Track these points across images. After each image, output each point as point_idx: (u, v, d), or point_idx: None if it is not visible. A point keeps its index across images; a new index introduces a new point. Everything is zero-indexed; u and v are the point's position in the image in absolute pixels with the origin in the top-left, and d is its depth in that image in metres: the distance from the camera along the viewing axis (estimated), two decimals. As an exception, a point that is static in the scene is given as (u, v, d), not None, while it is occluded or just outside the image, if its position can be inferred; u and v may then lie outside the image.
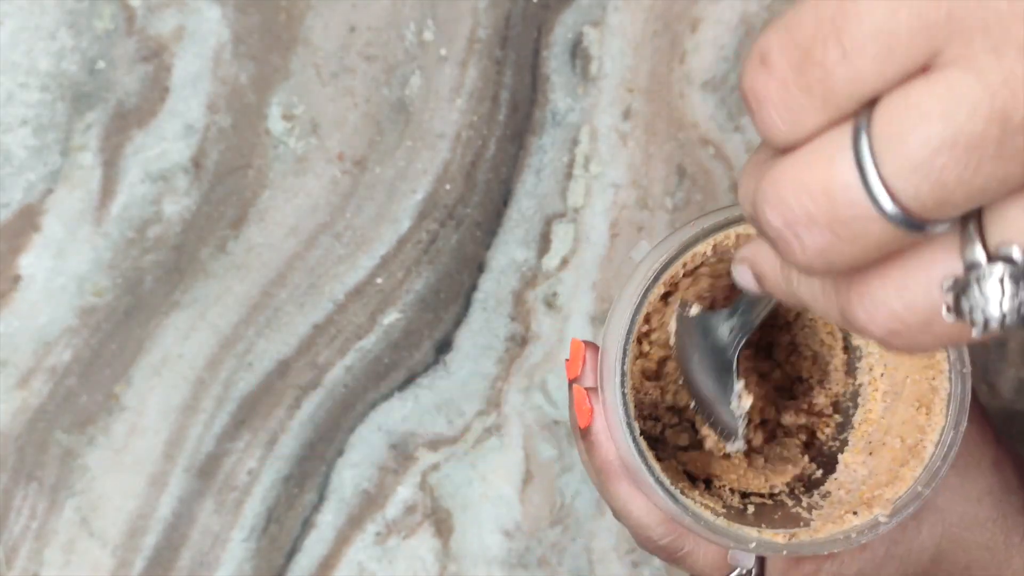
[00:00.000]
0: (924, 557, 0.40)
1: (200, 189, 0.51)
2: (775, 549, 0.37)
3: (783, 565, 0.39)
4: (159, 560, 0.51)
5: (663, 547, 0.39)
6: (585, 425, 0.39)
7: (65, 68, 0.51)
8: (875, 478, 0.39)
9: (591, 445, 0.39)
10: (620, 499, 0.39)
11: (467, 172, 0.52)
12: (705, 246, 0.37)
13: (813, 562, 0.39)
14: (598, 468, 0.39)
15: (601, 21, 0.53)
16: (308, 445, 0.52)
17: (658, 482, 0.36)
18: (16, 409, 0.51)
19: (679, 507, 0.36)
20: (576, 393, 0.39)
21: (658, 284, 0.37)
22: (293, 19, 0.52)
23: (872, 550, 0.39)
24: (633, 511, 0.39)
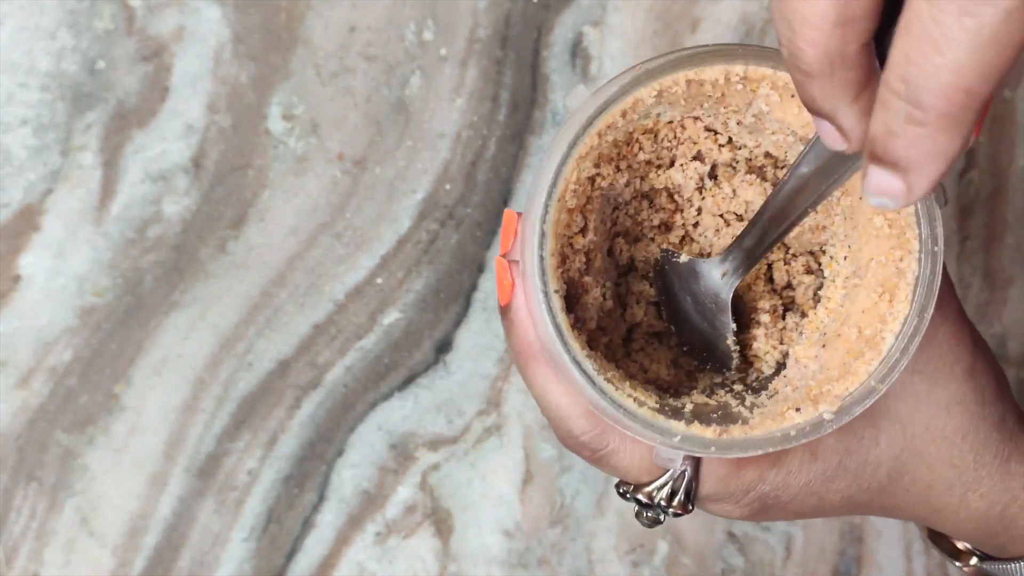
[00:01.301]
0: (881, 472, 0.36)
1: (200, 189, 0.51)
2: (702, 444, 0.33)
3: (721, 471, 0.35)
4: (159, 560, 0.51)
5: (585, 443, 0.35)
6: (505, 302, 0.35)
7: (65, 68, 0.51)
8: (826, 373, 0.35)
9: (510, 324, 0.35)
10: (539, 385, 0.35)
11: (467, 172, 0.52)
12: (648, 90, 0.33)
13: (755, 469, 0.35)
14: (516, 350, 0.35)
15: (601, 21, 0.53)
16: (308, 445, 0.52)
17: (575, 362, 0.32)
18: (16, 409, 0.51)
19: (597, 392, 0.32)
20: (498, 265, 0.35)
21: (590, 133, 0.33)
22: (293, 19, 0.52)
23: (823, 459, 0.36)
24: (552, 400, 0.35)
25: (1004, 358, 0.55)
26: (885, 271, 0.34)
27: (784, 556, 0.53)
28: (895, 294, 0.34)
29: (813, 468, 0.36)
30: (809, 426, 0.33)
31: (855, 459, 0.36)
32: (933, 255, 0.33)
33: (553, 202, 0.33)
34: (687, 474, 0.35)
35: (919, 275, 0.33)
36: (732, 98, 0.35)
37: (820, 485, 0.36)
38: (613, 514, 0.53)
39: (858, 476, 0.36)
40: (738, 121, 0.36)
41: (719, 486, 0.36)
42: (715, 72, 0.34)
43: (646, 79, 0.33)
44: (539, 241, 0.33)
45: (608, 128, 0.34)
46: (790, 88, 0.34)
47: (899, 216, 0.34)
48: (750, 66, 0.34)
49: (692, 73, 0.34)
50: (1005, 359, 0.55)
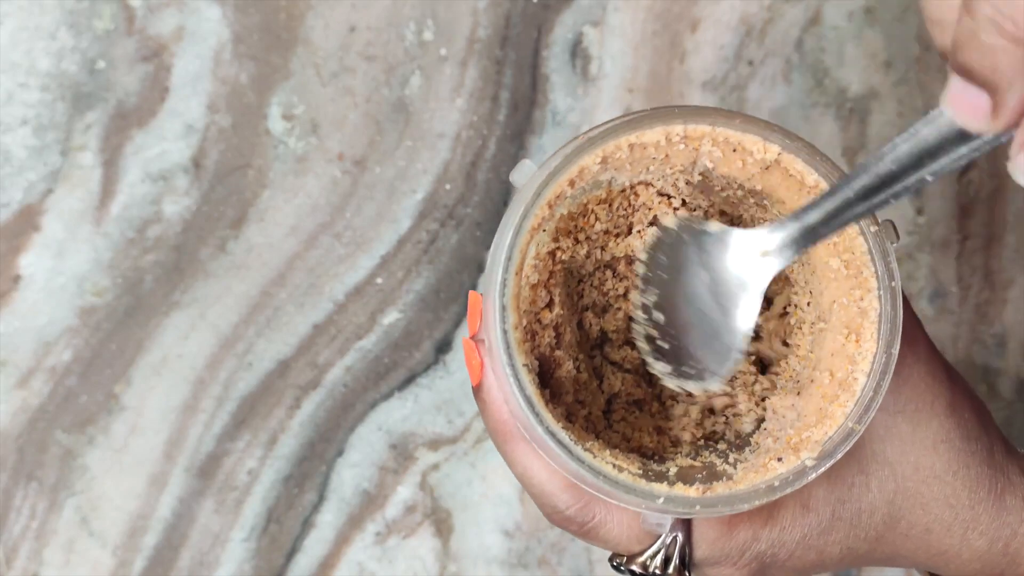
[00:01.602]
0: (876, 519, 0.36)
1: (200, 189, 0.51)
2: (687, 504, 0.32)
3: (713, 533, 0.35)
4: (159, 560, 0.51)
5: (570, 518, 0.35)
6: (476, 382, 0.35)
7: (65, 68, 0.51)
8: (803, 420, 0.34)
9: (483, 403, 0.35)
10: (518, 463, 0.35)
11: (467, 172, 0.52)
12: (593, 158, 0.33)
13: (748, 528, 0.35)
14: (492, 430, 0.35)
15: (601, 21, 0.53)
16: (308, 445, 0.52)
17: (549, 433, 0.32)
18: (16, 409, 0.51)
19: (575, 461, 0.32)
20: (465, 347, 0.35)
21: (540, 204, 0.33)
22: (293, 19, 0.52)
23: (816, 511, 0.35)
24: (534, 476, 0.34)
25: (1004, 358, 0.55)
26: (848, 312, 0.34)
27: (784, 556, 0.53)
28: (861, 333, 0.34)
29: (807, 521, 0.35)
30: (792, 475, 0.33)
31: (848, 508, 0.35)
32: (891, 291, 0.33)
33: (511, 275, 0.33)
34: (679, 539, 0.35)
35: (881, 312, 0.33)
36: (676, 158, 0.35)
37: (817, 538, 0.35)
38: (613, 514, 0.53)
39: (854, 525, 0.36)
40: (687, 181, 0.36)
41: (713, 549, 0.35)
42: (655, 135, 0.34)
43: (589, 147, 0.34)
44: (500, 315, 0.33)
45: (557, 198, 0.34)
46: (730, 143, 0.34)
47: (854, 256, 0.34)
48: (688, 125, 0.34)
49: (633, 137, 0.34)
50: (1005, 359, 0.55)
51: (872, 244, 0.33)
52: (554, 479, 0.34)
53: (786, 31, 0.53)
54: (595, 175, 0.34)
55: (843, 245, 0.34)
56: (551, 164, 0.34)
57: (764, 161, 0.35)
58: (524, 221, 0.33)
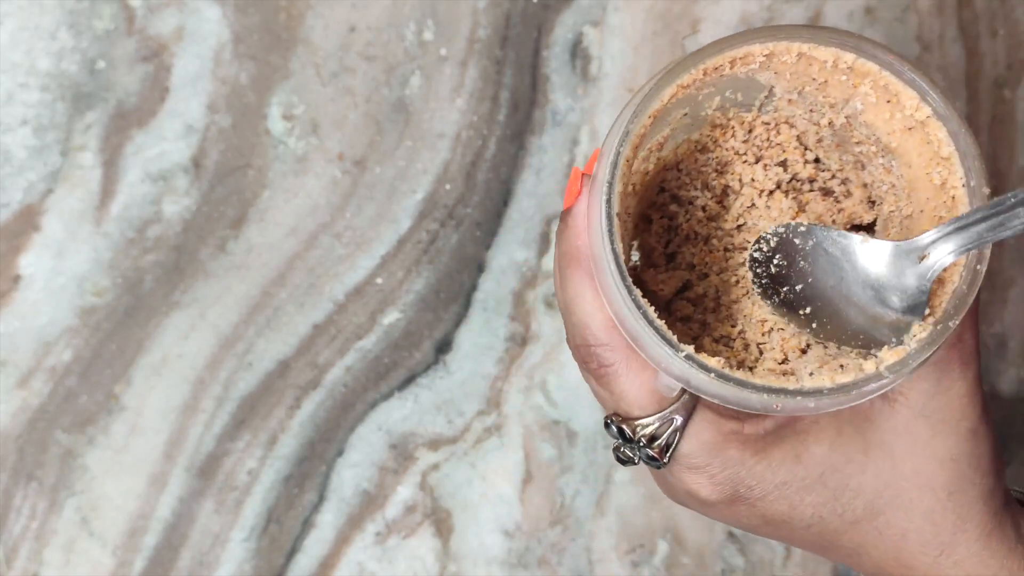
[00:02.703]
0: (858, 503, 0.36)
1: (200, 189, 0.51)
2: (702, 367, 0.32)
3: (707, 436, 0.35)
4: (159, 560, 0.51)
5: (595, 354, 0.35)
6: (568, 205, 0.36)
7: (65, 68, 0.51)
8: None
9: (565, 227, 0.36)
10: (572, 288, 0.36)
11: (467, 172, 0.52)
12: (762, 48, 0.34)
13: (739, 450, 0.35)
14: (563, 252, 0.36)
15: (601, 21, 0.53)
16: (308, 445, 0.52)
17: (614, 253, 0.33)
18: (16, 409, 0.51)
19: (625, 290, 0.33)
20: (572, 173, 0.36)
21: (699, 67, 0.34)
22: (293, 19, 0.52)
23: (806, 466, 0.35)
24: (581, 304, 0.35)
25: (1004, 358, 0.55)
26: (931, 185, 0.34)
27: (784, 556, 0.53)
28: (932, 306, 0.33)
29: (794, 471, 0.35)
30: (811, 388, 0.32)
31: (836, 478, 0.35)
32: (975, 272, 0.33)
33: (637, 125, 0.33)
34: (674, 423, 0.35)
35: (956, 286, 0.33)
36: (833, 89, 0.35)
37: (795, 492, 0.35)
38: (613, 514, 0.53)
39: (835, 498, 0.36)
40: (830, 121, 0.37)
41: (700, 449, 0.35)
42: (827, 53, 0.34)
43: (763, 36, 0.34)
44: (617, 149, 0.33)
45: (714, 70, 0.34)
46: (889, 92, 0.35)
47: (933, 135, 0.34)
48: (859, 59, 0.34)
49: (806, 47, 0.34)
50: (1005, 359, 0.55)
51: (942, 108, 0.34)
52: (597, 314, 0.35)
53: (786, 31, 0.53)
54: (756, 70, 0.34)
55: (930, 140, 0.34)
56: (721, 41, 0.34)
57: (912, 120, 0.35)
58: (675, 76, 0.33)
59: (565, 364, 0.53)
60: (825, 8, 0.53)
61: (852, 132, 0.37)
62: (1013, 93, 0.54)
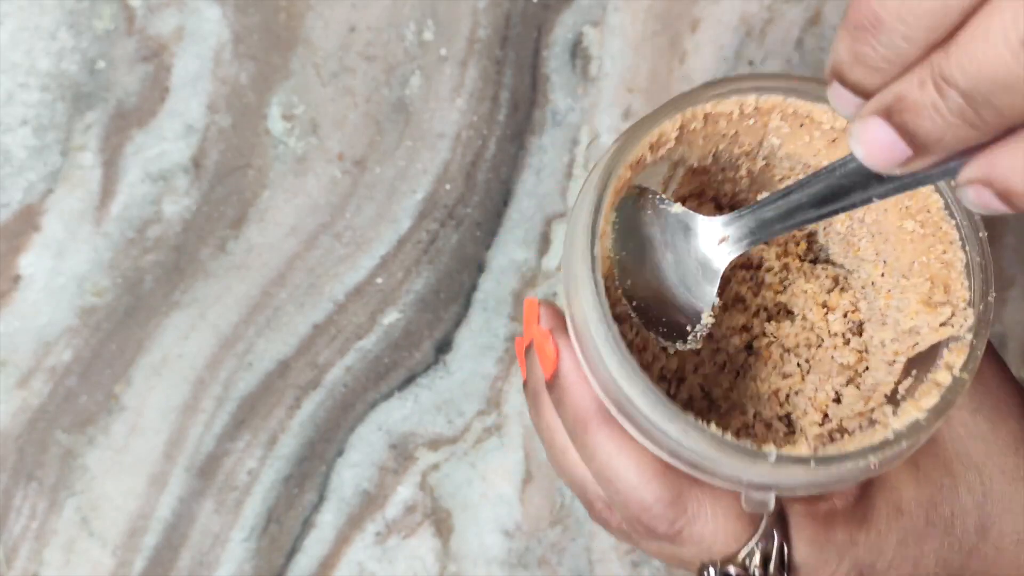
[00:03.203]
0: (969, 525, 0.34)
1: (200, 189, 0.51)
2: (800, 461, 0.30)
3: (810, 532, 0.33)
4: (159, 560, 0.51)
5: (661, 514, 0.32)
6: (551, 373, 0.32)
7: (65, 68, 0.51)
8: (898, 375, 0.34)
9: (561, 393, 0.32)
10: (602, 451, 0.32)
11: (467, 172, 0.52)
12: (672, 123, 0.33)
13: (845, 530, 0.33)
14: (572, 419, 0.32)
15: (601, 21, 0.53)
16: (308, 445, 0.52)
17: (650, 392, 0.29)
18: (16, 409, 0.51)
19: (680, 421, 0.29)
20: (537, 338, 0.32)
21: (621, 166, 0.33)
22: (293, 19, 0.52)
23: (909, 515, 0.33)
24: (619, 466, 0.32)
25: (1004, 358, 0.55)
26: (930, 268, 0.34)
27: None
28: (949, 285, 0.33)
29: (901, 524, 0.33)
30: (906, 429, 0.31)
31: (940, 512, 0.34)
32: (980, 241, 0.32)
33: (599, 229, 0.31)
34: (775, 539, 0.32)
35: (968, 261, 0.33)
36: (745, 136, 0.35)
37: (913, 546, 0.34)
38: (613, 514, 0.53)
39: (947, 532, 0.34)
40: (748, 171, 0.36)
41: (812, 549, 0.33)
42: (730, 105, 0.34)
43: (670, 110, 0.33)
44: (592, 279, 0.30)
45: (638, 163, 0.33)
46: (799, 116, 0.34)
47: (929, 215, 0.34)
48: (761, 97, 0.34)
49: (710, 106, 0.34)
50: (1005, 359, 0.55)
51: (951, 199, 0.33)
52: (642, 467, 0.31)
53: (786, 31, 0.53)
54: (671, 150, 0.34)
55: (916, 207, 0.34)
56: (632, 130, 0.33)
57: (833, 132, 0.34)
58: (608, 180, 0.32)
59: (565, 364, 0.53)
60: (825, 8, 0.53)
61: (773, 171, 0.36)
62: (1013, 93, 0.54)
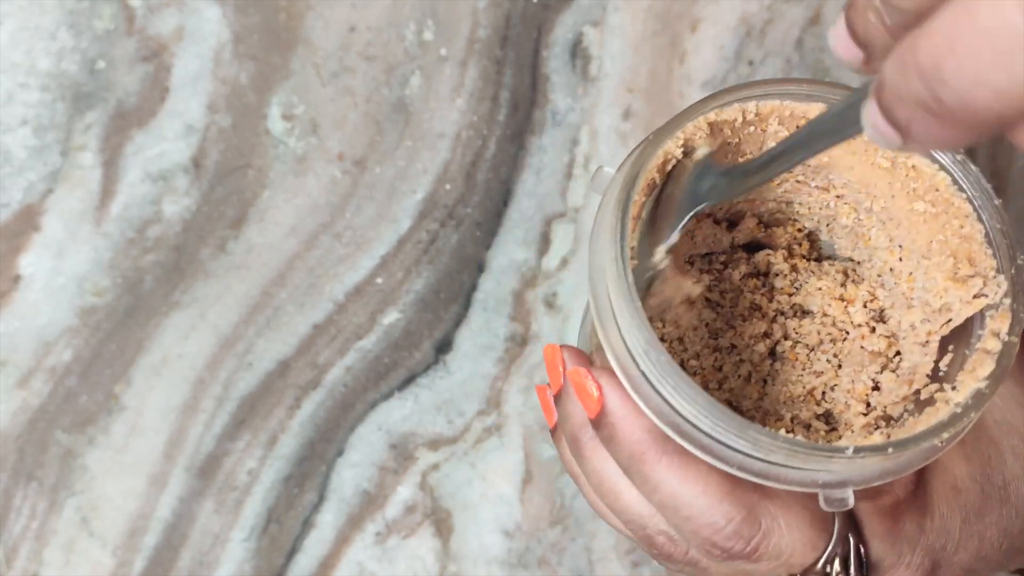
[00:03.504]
0: (1022, 488, 0.34)
1: (200, 189, 0.51)
2: (878, 451, 0.29)
3: (882, 528, 0.33)
4: (159, 560, 0.51)
5: (735, 532, 0.31)
6: (597, 412, 0.32)
7: (65, 68, 0.51)
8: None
9: (611, 431, 0.32)
10: (666, 483, 0.31)
11: (467, 172, 0.52)
12: (675, 141, 0.34)
13: (912, 520, 0.33)
14: (628, 456, 0.32)
15: (601, 21, 0.53)
16: (308, 445, 0.52)
17: (713, 406, 0.29)
18: (16, 409, 0.51)
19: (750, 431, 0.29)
20: (574, 379, 0.32)
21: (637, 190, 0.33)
22: (293, 19, 0.52)
23: (966, 491, 0.33)
24: (686, 494, 0.31)
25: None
26: (949, 244, 0.34)
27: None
28: (972, 257, 0.33)
29: (961, 501, 0.34)
30: (971, 399, 0.31)
31: (994, 482, 0.34)
32: (996, 208, 0.33)
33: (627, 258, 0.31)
34: (851, 540, 0.32)
35: (988, 231, 0.33)
36: (747, 145, 0.36)
37: (975, 521, 0.34)
38: (613, 514, 0.53)
39: (1003, 501, 0.34)
40: None
41: (885, 545, 0.33)
42: (733, 112, 0.35)
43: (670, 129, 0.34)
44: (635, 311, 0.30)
45: (650, 187, 0.34)
46: (796, 117, 0.35)
47: (938, 194, 0.34)
48: (760, 102, 0.35)
49: (713, 115, 0.34)
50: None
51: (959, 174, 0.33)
52: (710, 490, 0.31)
53: (786, 31, 0.53)
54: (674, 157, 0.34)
55: (923, 187, 0.34)
56: (632, 157, 0.33)
57: None
58: (626, 216, 0.32)
59: (565, 364, 0.53)
60: (825, 8, 0.53)
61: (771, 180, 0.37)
62: (1013, 93, 0.54)
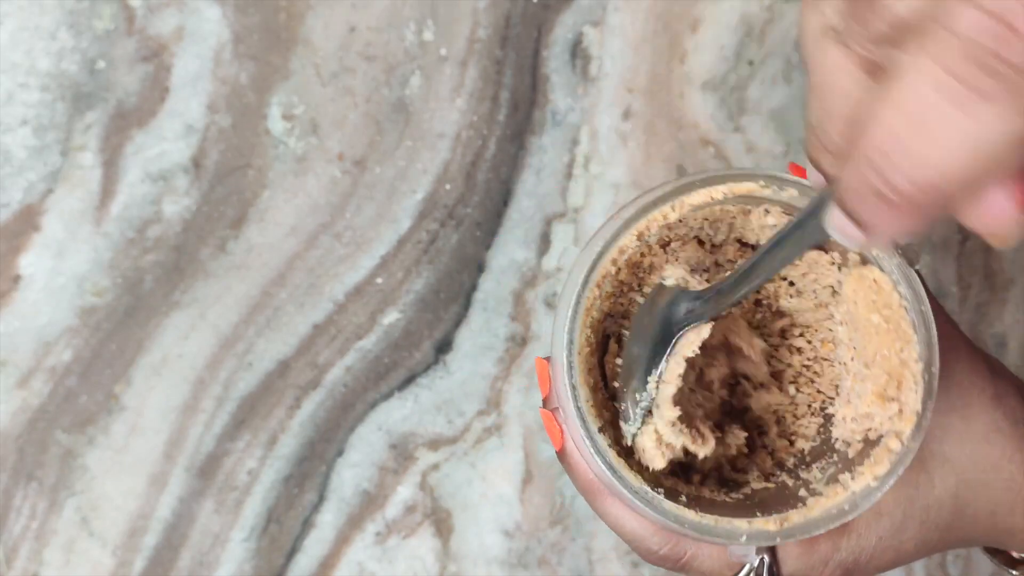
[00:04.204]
0: (944, 512, 0.38)
1: (200, 189, 0.51)
2: (767, 538, 0.35)
3: (797, 549, 0.37)
4: (159, 560, 0.51)
5: (665, 556, 0.38)
6: (559, 447, 0.38)
7: (65, 68, 0.51)
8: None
9: (569, 467, 0.38)
10: (610, 515, 0.38)
11: (467, 172, 0.52)
12: (629, 238, 0.36)
13: (827, 540, 0.37)
14: (581, 489, 0.38)
15: (601, 21, 0.53)
16: (308, 445, 0.52)
17: (632, 491, 0.35)
18: (16, 409, 0.51)
19: (659, 514, 0.35)
20: (544, 417, 0.39)
21: (589, 287, 0.36)
22: (293, 19, 0.52)
23: (889, 516, 0.37)
24: (625, 525, 0.38)
25: (1004, 358, 0.55)
26: (890, 362, 0.37)
27: (784, 556, 0.53)
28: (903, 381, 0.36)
29: (881, 525, 0.37)
30: (860, 496, 0.35)
31: (917, 505, 0.37)
32: (922, 314, 0.35)
33: (575, 357, 0.36)
34: (766, 560, 0.37)
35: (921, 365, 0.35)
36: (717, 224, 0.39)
37: (892, 539, 0.37)
38: (613, 514, 0.53)
39: (923, 521, 0.37)
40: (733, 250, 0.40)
41: (798, 563, 0.37)
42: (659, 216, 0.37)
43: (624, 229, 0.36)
44: (572, 394, 0.35)
45: (604, 279, 0.37)
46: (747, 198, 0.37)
47: (892, 311, 0.36)
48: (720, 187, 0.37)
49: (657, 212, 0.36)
50: (1005, 359, 0.55)
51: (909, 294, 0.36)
52: (645, 525, 0.37)
53: (786, 31, 0.53)
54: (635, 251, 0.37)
55: (881, 301, 0.37)
56: (594, 247, 0.36)
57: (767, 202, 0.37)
58: (579, 307, 0.36)
59: (565, 364, 0.53)
60: (825, 8, 0.53)
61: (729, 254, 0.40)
62: (1013, 93, 0.54)
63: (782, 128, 0.53)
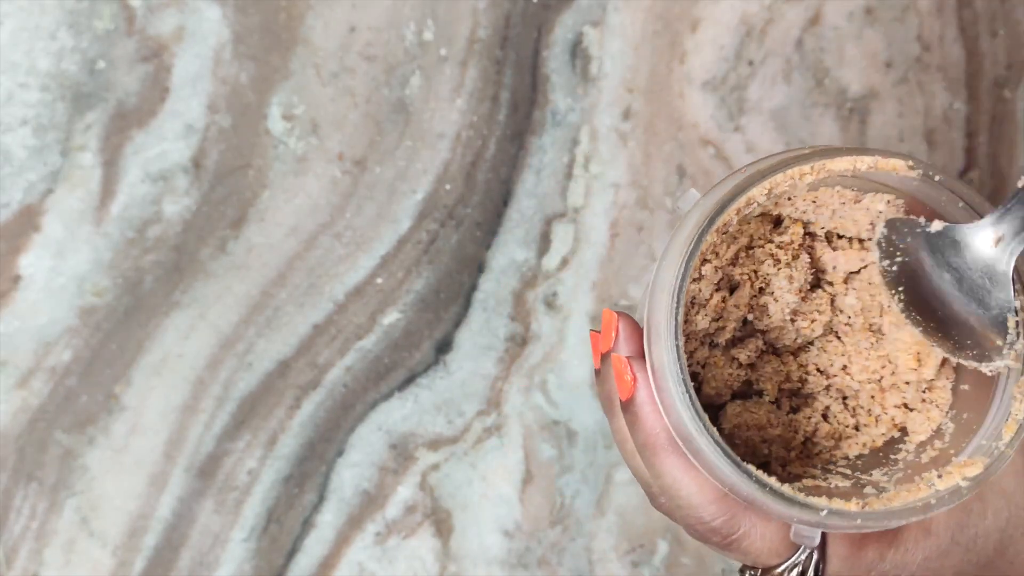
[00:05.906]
0: (989, 545, 0.37)
1: (200, 189, 0.51)
2: (848, 518, 0.33)
3: (844, 551, 0.36)
4: (159, 560, 0.51)
5: (716, 528, 0.36)
6: (627, 397, 0.36)
7: (65, 68, 0.51)
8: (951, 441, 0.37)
9: (634, 418, 0.36)
10: (669, 475, 0.36)
11: (467, 172, 0.52)
12: (760, 189, 0.34)
13: (876, 548, 0.36)
14: (643, 443, 0.36)
15: (601, 21, 0.53)
16: (308, 445, 0.52)
17: (718, 446, 0.33)
18: (16, 409, 0.51)
19: (742, 475, 0.33)
20: (616, 363, 0.36)
21: (711, 231, 0.34)
22: (293, 19, 0.52)
23: (936, 535, 0.36)
24: (683, 488, 0.35)
25: (1004, 358, 0.55)
26: None
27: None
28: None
29: (928, 544, 0.36)
30: (947, 494, 0.34)
31: (966, 533, 0.37)
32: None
33: (683, 298, 0.34)
34: (813, 555, 0.36)
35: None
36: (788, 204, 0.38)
37: (935, 561, 0.37)
38: (613, 514, 0.53)
39: (968, 550, 0.37)
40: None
41: (843, 565, 0.36)
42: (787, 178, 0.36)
43: (758, 179, 0.34)
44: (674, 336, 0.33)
45: (725, 225, 0.35)
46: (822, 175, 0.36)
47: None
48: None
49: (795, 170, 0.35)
50: (1005, 359, 0.55)
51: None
52: (704, 491, 0.35)
53: (786, 31, 0.53)
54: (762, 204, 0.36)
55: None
56: (719, 192, 0.35)
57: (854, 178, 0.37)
58: (696, 247, 0.34)
59: (565, 364, 0.53)
60: (825, 8, 0.53)
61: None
62: (1013, 93, 0.54)
63: (782, 128, 0.53)
